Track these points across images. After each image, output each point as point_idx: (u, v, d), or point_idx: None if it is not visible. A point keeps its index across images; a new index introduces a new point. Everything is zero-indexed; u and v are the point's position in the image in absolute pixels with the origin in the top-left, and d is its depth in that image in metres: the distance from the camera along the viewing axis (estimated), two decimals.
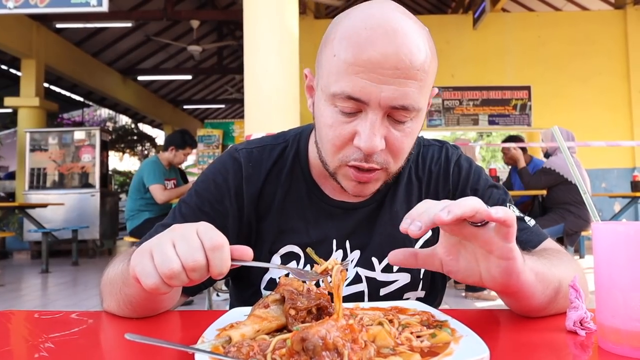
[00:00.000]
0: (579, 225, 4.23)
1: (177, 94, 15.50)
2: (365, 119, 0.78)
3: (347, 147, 0.81)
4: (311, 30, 8.03)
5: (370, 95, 0.76)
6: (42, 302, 4.90)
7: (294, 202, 0.95)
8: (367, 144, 0.77)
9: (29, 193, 8.42)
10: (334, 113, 0.80)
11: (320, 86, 0.83)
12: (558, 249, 0.93)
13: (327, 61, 0.80)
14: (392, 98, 0.76)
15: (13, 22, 8.18)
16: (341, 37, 0.78)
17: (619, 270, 0.59)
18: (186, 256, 0.60)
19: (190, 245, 0.61)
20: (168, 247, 0.61)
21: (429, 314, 0.69)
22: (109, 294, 0.82)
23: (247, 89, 4.37)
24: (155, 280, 0.60)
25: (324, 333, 0.50)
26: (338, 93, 0.77)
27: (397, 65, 0.74)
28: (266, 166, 0.97)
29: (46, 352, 0.62)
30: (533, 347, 0.63)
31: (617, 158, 8.72)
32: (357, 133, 0.79)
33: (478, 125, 9.24)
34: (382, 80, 0.75)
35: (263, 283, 0.95)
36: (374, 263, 0.94)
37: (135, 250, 0.66)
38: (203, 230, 0.63)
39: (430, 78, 0.81)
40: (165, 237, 0.63)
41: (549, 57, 8.99)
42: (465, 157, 1.02)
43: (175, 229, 0.64)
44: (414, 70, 0.76)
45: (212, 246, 0.61)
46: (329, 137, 0.82)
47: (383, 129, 0.79)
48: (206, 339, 0.57)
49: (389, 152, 0.82)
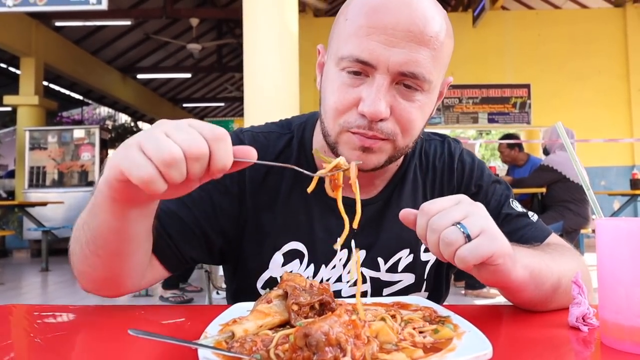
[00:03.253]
0: (578, 223, 4.23)
1: (176, 92, 15.48)
2: (371, 83, 0.75)
3: (350, 112, 0.78)
4: (311, 29, 8.03)
5: (379, 58, 0.73)
6: (42, 300, 4.90)
7: (300, 197, 0.91)
8: (370, 109, 0.74)
9: (28, 191, 8.41)
10: (341, 76, 0.77)
11: (331, 53, 0.81)
12: (562, 244, 0.93)
13: (338, 26, 0.80)
14: (402, 63, 0.73)
15: (12, 21, 8.16)
16: (355, 2, 0.78)
17: (621, 266, 0.59)
18: (188, 142, 0.54)
19: (190, 133, 0.55)
20: (162, 136, 0.55)
21: (432, 309, 0.68)
22: (75, 239, 0.75)
23: (247, 87, 4.37)
24: (148, 169, 0.53)
25: (326, 329, 0.49)
26: (346, 55, 0.75)
27: (409, 28, 0.73)
28: (272, 153, 0.93)
29: (48, 346, 0.62)
30: (535, 342, 0.63)
31: (616, 156, 8.73)
32: (362, 99, 0.76)
33: (477, 124, 9.24)
34: (393, 42, 0.73)
35: (260, 282, 0.92)
36: (379, 263, 0.92)
37: (116, 149, 0.59)
38: (199, 124, 0.57)
39: (445, 53, 0.79)
40: (154, 129, 0.56)
41: (548, 55, 8.99)
42: (467, 152, 1.01)
43: (163, 122, 0.57)
44: (427, 36, 0.74)
45: (215, 136, 0.56)
46: (332, 101, 0.79)
47: (389, 96, 0.76)
48: (209, 334, 0.57)
49: (396, 123, 0.78)
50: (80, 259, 0.76)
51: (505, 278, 0.67)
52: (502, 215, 0.93)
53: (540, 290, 0.74)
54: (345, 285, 0.91)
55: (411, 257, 0.93)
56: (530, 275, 0.71)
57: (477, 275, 0.67)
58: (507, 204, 0.95)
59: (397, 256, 0.92)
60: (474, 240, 0.62)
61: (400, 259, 0.92)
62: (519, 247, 0.75)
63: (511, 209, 0.94)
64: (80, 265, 0.77)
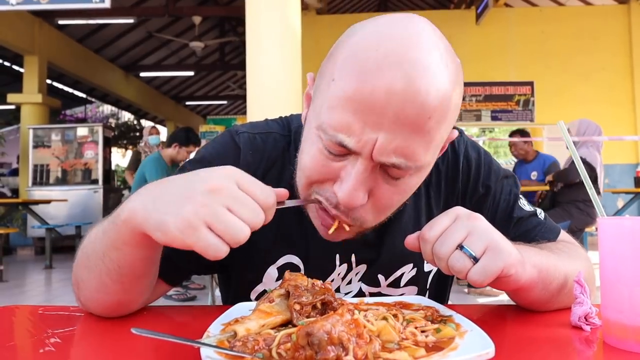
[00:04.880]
0: (586, 222, 4.22)
1: (179, 90, 15.49)
2: (353, 164, 0.66)
3: (325, 185, 0.70)
4: (313, 26, 8.02)
5: (365, 147, 0.63)
6: (46, 297, 4.92)
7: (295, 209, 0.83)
8: (345, 197, 0.66)
9: (32, 189, 8.45)
10: (320, 146, 0.68)
11: (314, 107, 0.71)
12: (571, 243, 0.92)
13: (324, 82, 0.69)
14: (388, 152, 0.63)
15: (15, 19, 8.18)
16: (346, 56, 0.65)
17: (624, 265, 0.58)
18: (254, 222, 0.59)
19: (253, 210, 0.59)
20: (229, 216, 0.57)
21: (434, 309, 0.68)
22: (87, 268, 0.72)
23: (250, 85, 4.36)
24: (226, 250, 0.58)
25: (329, 327, 0.50)
26: (330, 133, 0.65)
27: (404, 108, 0.61)
28: (269, 158, 0.87)
29: (52, 347, 0.62)
30: (538, 342, 0.63)
31: (621, 153, 8.69)
32: (340, 178, 0.68)
33: (481, 121, 9.22)
34: (381, 125, 0.62)
35: (254, 295, 0.88)
36: (379, 279, 0.89)
37: (178, 227, 0.57)
38: (252, 189, 0.60)
39: (447, 125, 0.67)
40: (214, 202, 0.57)
41: (552, 52, 8.95)
42: (471, 144, 0.94)
43: (214, 189, 0.58)
44: (424, 117, 0.62)
45: (268, 205, 0.61)
46: (308, 168, 0.71)
47: (370, 182, 0.67)
48: (211, 333, 0.57)
49: (370, 207, 0.70)
50: (94, 287, 0.73)
51: (517, 284, 0.68)
52: (513, 219, 0.91)
53: (547, 290, 0.73)
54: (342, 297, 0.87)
55: (414, 270, 0.90)
56: (539, 274, 0.71)
57: (491, 286, 0.67)
58: (516, 205, 0.92)
59: (399, 272, 0.89)
60: (481, 260, 0.62)
61: (403, 274, 0.89)
62: (527, 247, 0.74)
63: (521, 211, 0.91)
64: (92, 294, 0.74)
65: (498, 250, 0.62)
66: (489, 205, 0.92)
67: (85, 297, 0.75)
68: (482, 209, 0.91)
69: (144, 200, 0.62)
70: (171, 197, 0.60)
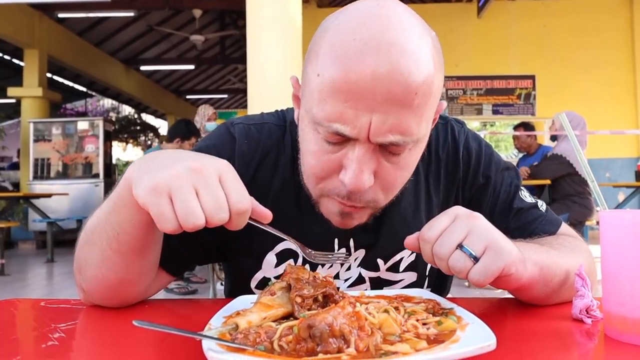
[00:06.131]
0: (584, 215, 4.22)
1: (179, 84, 15.46)
2: (352, 151, 0.68)
3: (331, 178, 0.73)
4: (314, 19, 7.95)
5: (360, 131, 0.66)
6: (48, 291, 4.94)
7: (292, 195, 0.87)
8: (352, 182, 0.68)
9: (33, 183, 8.46)
10: (318, 140, 0.71)
11: (304, 105, 0.73)
12: (572, 236, 0.92)
13: (309, 79, 0.70)
14: (384, 131, 0.66)
15: (15, 12, 8.15)
16: (326, 51, 0.67)
17: (626, 258, 0.59)
18: (212, 214, 0.59)
19: (217, 203, 0.59)
20: (191, 196, 0.58)
21: (435, 301, 0.69)
22: (89, 243, 0.74)
23: (250, 79, 4.35)
24: (173, 226, 0.59)
25: (330, 320, 0.50)
26: (324, 124, 0.67)
27: (390, 88, 0.63)
28: (264, 147, 0.88)
29: (54, 340, 0.62)
30: (539, 335, 0.63)
31: (622, 147, 8.68)
32: (343, 167, 0.70)
33: (482, 115, 9.20)
34: (373, 107, 0.64)
35: (254, 282, 0.89)
36: (378, 264, 0.89)
37: (147, 186, 0.60)
38: (229, 186, 0.61)
39: (434, 98, 0.70)
40: (186, 178, 0.59)
41: (554, 46, 8.92)
42: (472, 135, 0.95)
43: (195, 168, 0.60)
44: (411, 94, 0.64)
45: (238, 210, 0.61)
46: (311, 166, 0.74)
47: (373, 163, 0.69)
48: (213, 326, 0.57)
49: (379, 187, 0.73)
50: (96, 261, 0.74)
51: (518, 283, 0.68)
52: (513, 210, 0.91)
53: (548, 287, 0.73)
54: (342, 283, 0.89)
55: (413, 256, 0.90)
56: (540, 272, 0.71)
57: (492, 285, 0.68)
58: (517, 196, 0.92)
59: (398, 256, 0.89)
60: (481, 260, 0.62)
61: (402, 258, 0.90)
62: (528, 244, 0.74)
63: (522, 202, 0.91)
64: (94, 271, 0.74)
65: (498, 250, 0.62)
66: (489, 195, 0.92)
67: (88, 280, 0.76)
68: (482, 199, 0.92)
69: (142, 162, 0.65)
70: (161, 162, 0.63)
